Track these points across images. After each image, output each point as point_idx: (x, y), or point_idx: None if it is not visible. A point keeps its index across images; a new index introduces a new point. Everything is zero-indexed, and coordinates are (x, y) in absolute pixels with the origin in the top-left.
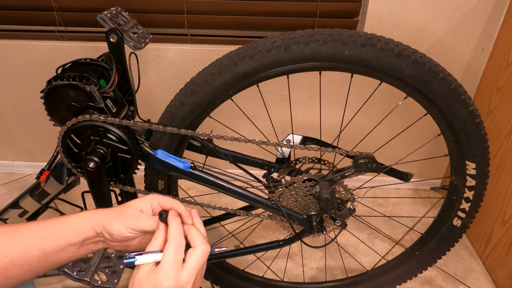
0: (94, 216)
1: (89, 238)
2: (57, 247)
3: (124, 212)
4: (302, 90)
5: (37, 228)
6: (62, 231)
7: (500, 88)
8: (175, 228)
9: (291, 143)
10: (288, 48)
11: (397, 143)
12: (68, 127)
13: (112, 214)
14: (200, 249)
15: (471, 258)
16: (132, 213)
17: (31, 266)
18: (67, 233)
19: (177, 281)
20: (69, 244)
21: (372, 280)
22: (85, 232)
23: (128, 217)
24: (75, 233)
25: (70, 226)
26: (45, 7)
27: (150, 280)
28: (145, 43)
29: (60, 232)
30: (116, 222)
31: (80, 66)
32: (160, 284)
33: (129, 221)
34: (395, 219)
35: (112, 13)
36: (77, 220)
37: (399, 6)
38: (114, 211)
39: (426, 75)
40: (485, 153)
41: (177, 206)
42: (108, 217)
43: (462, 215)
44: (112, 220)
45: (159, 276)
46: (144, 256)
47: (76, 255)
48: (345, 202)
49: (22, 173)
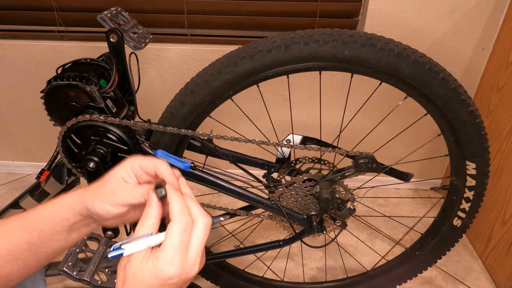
0: (74, 201)
1: (77, 223)
2: (45, 237)
3: (104, 188)
4: (302, 90)
5: (19, 222)
6: (44, 222)
7: (500, 88)
8: (180, 205)
9: (291, 143)
10: (288, 48)
11: (397, 143)
12: (68, 127)
13: (92, 193)
14: (202, 223)
15: (471, 258)
16: (114, 186)
17: (25, 261)
18: (50, 222)
19: (183, 266)
20: (56, 233)
21: (372, 280)
22: (69, 218)
23: (110, 193)
24: (58, 221)
25: (50, 215)
26: (45, 7)
27: (148, 268)
28: (145, 43)
29: (43, 223)
30: (99, 202)
31: (80, 66)
32: (164, 273)
33: (112, 197)
34: (395, 219)
35: (112, 13)
36: (56, 209)
37: (399, 6)
38: (94, 189)
39: (426, 75)
40: (485, 153)
41: (161, 168)
42: (89, 198)
43: (462, 215)
44: (94, 200)
45: (162, 263)
46: (134, 243)
47: (70, 242)
48: (345, 202)
49: (22, 173)
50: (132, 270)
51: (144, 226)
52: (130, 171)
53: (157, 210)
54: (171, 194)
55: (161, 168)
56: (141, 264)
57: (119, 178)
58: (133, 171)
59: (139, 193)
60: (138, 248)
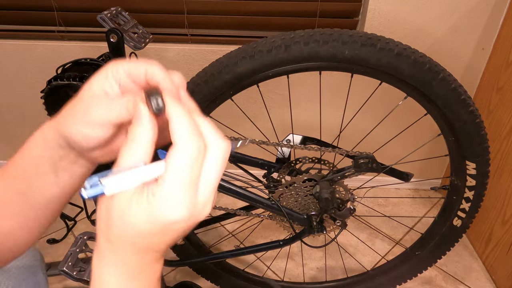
0: (48, 132)
1: (60, 159)
2: (32, 183)
3: (77, 106)
4: (302, 90)
5: (3, 168)
6: (25, 165)
7: (500, 88)
8: (186, 121)
9: (291, 143)
10: (288, 48)
11: (397, 143)
12: None
13: (65, 116)
14: (218, 149)
15: (471, 258)
16: (90, 102)
17: (22, 215)
18: (31, 164)
19: (191, 207)
20: (41, 176)
21: (372, 280)
22: (49, 155)
23: (85, 111)
24: (38, 161)
25: (30, 156)
26: (45, 7)
27: (143, 210)
28: (145, 43)
29: (24, 167)
30: (73, 125)
31: (80, 66)
32: (165, 217)
33: (86, 116)
34: (395, 219)
35: (112, 13)
36: (32, 147)
37: (399, 6)
38: (67, 111)
39: (426, 75)
40: (485, 153)
41: (154, 72)
42: (62, 123)
43: (462, 215)
44: (68, 124)
45: (163, 204)
46: (119, 177)
47: (63, 186)
48: (345, 202)
49: None
50: (119, 210)
51: (131, 153)
52: (111, 79)
53: (150, 128)
54: (172, 105)
55: (154, 72)
56: (130, 203)
57: (97, 91)
58: (115, 79)
59: (122, 105)
60: (126, 185)
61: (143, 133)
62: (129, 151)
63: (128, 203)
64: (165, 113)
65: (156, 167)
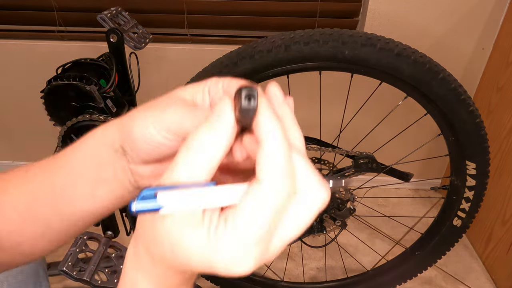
0: (111, 125)
1: (107, 164)
2: (69, 184)
3: (159, 102)
4: (302, 90)
5: (48, 160)
6: (71, 160)
7: (500, 88)
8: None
9: None
10: (288, 48)
11: (397, 143)
12: (68, 127)
13: (139, 108)
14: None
15: (471, 258)
16: (173, 102)
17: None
18: (77, 160)
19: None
20: (81, 178)
21: (372, 280)
22: (99, 153)
23: (164, 108)
24: (87, 158)
25: (79, 149)
26: (45, 7)
27: (198, 245)
28: (145, 43)
29: (69, 162)
30: (143, 117)
31: (80, 66)
32: (223, 266)
33: (164, 114)
34: (395, 219)
35: (112, 13)
36: (88, 140)
37: (399, 6)
38: (144, 105)
39: (426, 75)
40: (485, 153)
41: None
42: (130, 116)
43: (462, 215)
44: (136, 117)
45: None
46: (179, 194)
47: (96, 203)
48: (345, 202)
49: None
50: (170, 236)
51: (194, 162)
52: (206, 93)
53: (228, 133)
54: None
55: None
56: (184, 231)
57: (186, 96)
58: (211, 93)
59: (203, 116)
60: (185, 206)
61: (218, 138)
62: (191, 159)
63: (182, 230)
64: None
65: (229, 194)
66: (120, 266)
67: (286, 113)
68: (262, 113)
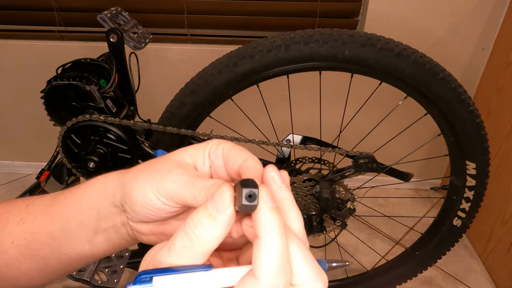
0: (111, 180)
1: (105, 218)
2: (68, 230)
3: (160, 164)
4: (302, 90)
5: (48, 200)
6: (70, 208)
7: (500, 88)
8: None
9: (291, 143)
10: (288, 48)
11: (397, 143)
12: (68, 127)
13: (139, 169)
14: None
15: (471, 258)
16: (173, 168)
17: (46, 260)
18: (76, 209)
19: None
20: (81, 227)
21: (372, 280)
22: (99, 206)
23: (165, 173)
24: (85, 209)
25: (79, 199)
26: (45, 7)
27: None
28: (145, 43)
29: (68, 210)
30: (141, 182)
31: (80, 66)
32: None
33: (162, 181)
34: (395, 219)
35: (112, 13)
36: (88, 189)
37: (399, 6)
38: (145, 165)
39: (426, 75)
40: (485, 153)
41: (251, 166)
42: (131, 175)
43: (462, 215)
44: (136, 179)
45: None
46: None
47: (93, 249)
48: (345, 202)
49: (22, 173)
50: None
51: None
52: (206, 155)
53: (225, 225)
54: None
55: (251, 166)
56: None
57: (187, 159)
58: (211, 157)
59: (202, 187)
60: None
61: (216, 228)
62: (188, 245)
63: None
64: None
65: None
66: (121, 266)
67: (285, 196)
68: (262, 211)
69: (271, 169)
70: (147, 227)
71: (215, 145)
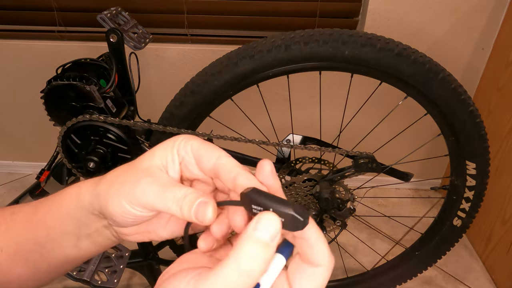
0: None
1: (88, 225)
2: (54, 237)
3: (129, 175)
4: (302, 90)
5: (26, 215)
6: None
7: (500, 88)
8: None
9: (291, 143)
10: (288, 48)
11: (397, 143)
12: (68, 127)
13: (110, 182)
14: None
15: (471, 258)
16: (142, 177)
17: (35, 264)
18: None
19: None
20: (65, 234)
21: (372, 280)
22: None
23: (133, 184)
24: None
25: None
26: (45, 7)
27: None
28: (145, 43)
29: (50, 219)
30: (115, 195)
31: (80, 66)
32: None
33: (134, 191)
34: (395, 219)
35: (112, 13)
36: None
37: (399, 6)
38: (115, 176)
39: (426, 75)
40: (485, 153)
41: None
42: (104, 189)
43: (462, 215)
44: (109, 192)
45: None
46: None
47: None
48: (345, 202)
49: (22, 173)
50: None
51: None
52: (175, 153)
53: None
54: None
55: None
56: None
57: (157, 161)
58: (179, 154)
59: (173, 200)
60: None
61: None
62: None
63: None
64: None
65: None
66: (121, 266)
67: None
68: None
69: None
70: (131, 229)
71: (183, 141)
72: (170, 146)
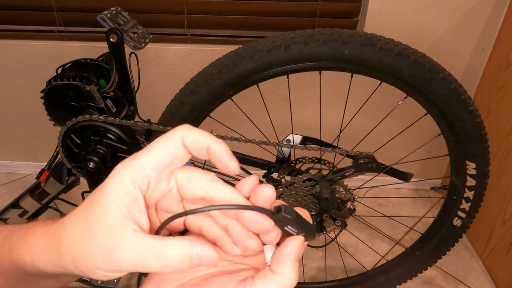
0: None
1: (54, 269)
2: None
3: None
4: (302, 90)
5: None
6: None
7: (500, 88)
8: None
9: (291, 143)
10: (288, 48)
11: (397, 143)
12: (68, 127)
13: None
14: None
15: (471, 258)
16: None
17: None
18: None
19: None
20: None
21: (372, 280)
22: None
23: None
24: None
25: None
26: (45, 7)
27: None
28: (145, 43)
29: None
30: (89, 260)
31: (80, 66)
32: None
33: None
34: (395, 219)
35: (112, 13)
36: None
37: (399, 6)
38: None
39: (426, 75)
40: (485, 153)
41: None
42: (66, 246)
43: (462, 215)
44: (75, 260)
45: None
46: None
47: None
48: (345, 202)
49: (22, 173)
50: None
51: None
52: (135, 184)
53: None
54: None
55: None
56: None
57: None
58: (139, 183)
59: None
60: None
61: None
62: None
63: None
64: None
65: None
66: None
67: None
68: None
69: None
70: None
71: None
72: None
